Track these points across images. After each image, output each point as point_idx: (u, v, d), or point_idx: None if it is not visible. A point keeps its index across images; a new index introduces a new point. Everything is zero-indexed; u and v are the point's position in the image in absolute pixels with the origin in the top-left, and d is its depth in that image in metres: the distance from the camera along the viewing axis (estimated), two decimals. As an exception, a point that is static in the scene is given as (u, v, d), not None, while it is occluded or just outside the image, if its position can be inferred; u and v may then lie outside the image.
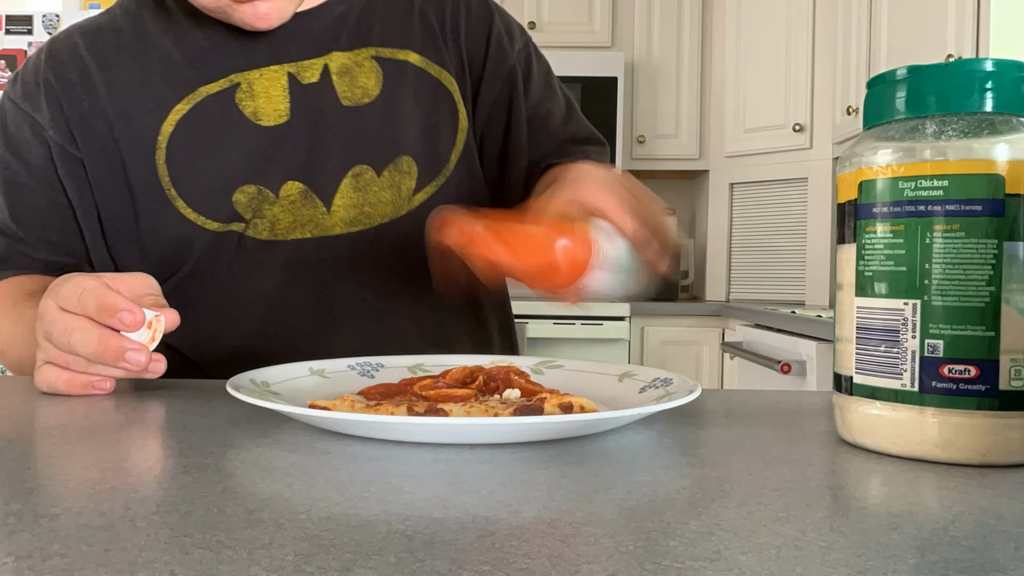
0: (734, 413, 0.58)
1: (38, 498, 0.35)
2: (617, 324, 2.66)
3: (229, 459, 0.43)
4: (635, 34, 3.11)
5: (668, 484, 0.39)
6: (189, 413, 0.56)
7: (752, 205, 3.00)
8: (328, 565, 0.28)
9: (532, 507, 0.35)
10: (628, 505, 0.35)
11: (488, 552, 0.29)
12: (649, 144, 3.11)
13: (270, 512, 0.33)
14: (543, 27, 3.06)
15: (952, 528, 0.33)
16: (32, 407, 0.59)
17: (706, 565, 0.28)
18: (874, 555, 0.30)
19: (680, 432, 0.51)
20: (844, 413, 0.48)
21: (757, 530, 0.32)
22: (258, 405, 0.48)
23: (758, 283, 2.97)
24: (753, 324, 2.42)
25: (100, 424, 0.53)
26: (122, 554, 0.29)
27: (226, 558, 0.28)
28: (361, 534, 0.31)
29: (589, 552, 0.29)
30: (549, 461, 0.43)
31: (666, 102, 3.11)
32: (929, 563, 0.29)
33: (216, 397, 0.60)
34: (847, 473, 0.43)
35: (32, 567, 0.28)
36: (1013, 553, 0.30)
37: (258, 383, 0.57)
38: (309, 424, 0.50)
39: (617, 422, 0.49)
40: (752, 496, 0.37)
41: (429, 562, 0.28)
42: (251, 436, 0.48)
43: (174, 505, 0.34)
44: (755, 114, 2.94)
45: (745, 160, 2.99)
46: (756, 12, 2.93)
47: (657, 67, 3.11)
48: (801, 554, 0.30)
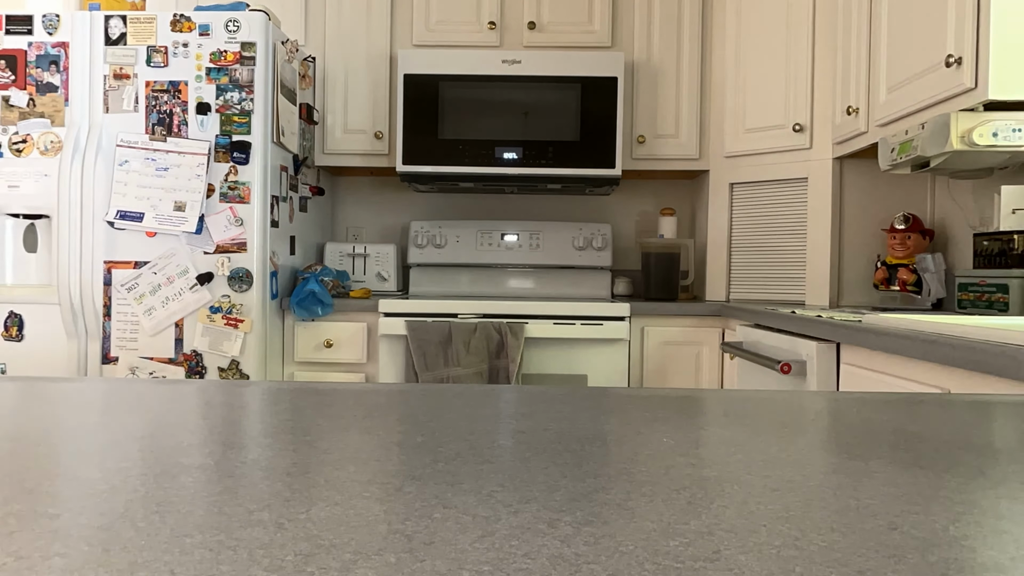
0: (734, 413, 0.58)
1: (38, 498, 0.35)
2: (617, 324, 2.66)
3: (229, 459, 0.43)
4: (635, 34, 3.11)
5: (668, 484, 0.39)
6: (189, 413, 0.56)
7: (752, 205, 3.00)
8: (328, 565, 0.28)
9: (532, 507, 0.35)
10: (628, 505, 0.35)
11: (488, 552, 0.29)
12: (649, 144, 3.11)
13: (270, 512, 0.33)
14: (543, 27, 3.06)
15: (952, 528, 0.33)
16: (32, 408, 0.59)
17: (706, 565, 0.28)
18: (874, 555, 0.30)
19: (680, 432, 0.51)
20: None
21: (757, 530, 0.32)
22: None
23: (758, 283, 2.97)
24: (753, 324, 2.43)
25: (100, 424, 0.53)
26: (122, 554, 0.29)
27: (226, 558, 0.28)
28: (361, 534, 0.31)
29: (589, 552, 0.29)
30: (549, 461, 0.42)
31: (666, 102, 3.12)
32: (929, 563, 0.29)
33: (216, 397, 0.60)
34: (847, 473, 0.43)
35: (32, 567, 0.28)
36: (1013, 553, 0.30)
37: None
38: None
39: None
40: (752, 496, 0.37)
41: (429, 562, 0.28)
42: (251, 436, 0.48)
43: (174, 505, 0.34)
44: (755, 114, 2.94)
45: (745, 160, 2.99)
46: (756, 12, 2.94)
47: (657, 67, 3.12)
48: (801, 554, 0.30)
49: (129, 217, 2.46)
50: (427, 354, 2.56)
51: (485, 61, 2.92)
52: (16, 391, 0.65)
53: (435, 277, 3.25)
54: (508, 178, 2.94)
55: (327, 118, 3.06)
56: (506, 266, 3.26)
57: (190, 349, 2.47)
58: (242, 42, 2.46)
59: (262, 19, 2.48)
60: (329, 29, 3.06)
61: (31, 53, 2.51)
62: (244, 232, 2.47)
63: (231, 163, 2.46)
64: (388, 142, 3.06)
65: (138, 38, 2.49)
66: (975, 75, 1.81)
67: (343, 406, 0.61)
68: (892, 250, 2.51)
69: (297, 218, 2.87)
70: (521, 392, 0.71)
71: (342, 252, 3.07)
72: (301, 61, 2.86)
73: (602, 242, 3.21)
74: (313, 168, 3.09)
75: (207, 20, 2.47)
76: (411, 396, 0.67)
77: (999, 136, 1.81)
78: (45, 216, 2.54)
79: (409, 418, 0.56)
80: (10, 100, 2.51)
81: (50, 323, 2.51)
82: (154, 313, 2.48)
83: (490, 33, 3.05)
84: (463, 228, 3.23)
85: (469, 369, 2.55)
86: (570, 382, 2.71)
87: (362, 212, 3.41)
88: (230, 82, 2.47)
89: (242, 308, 2.46)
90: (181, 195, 2.45)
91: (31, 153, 2.50)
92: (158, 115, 2.47)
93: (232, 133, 2.46)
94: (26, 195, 2.50)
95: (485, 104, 2.90)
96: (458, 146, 2.91)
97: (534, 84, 2.91)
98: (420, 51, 2.93)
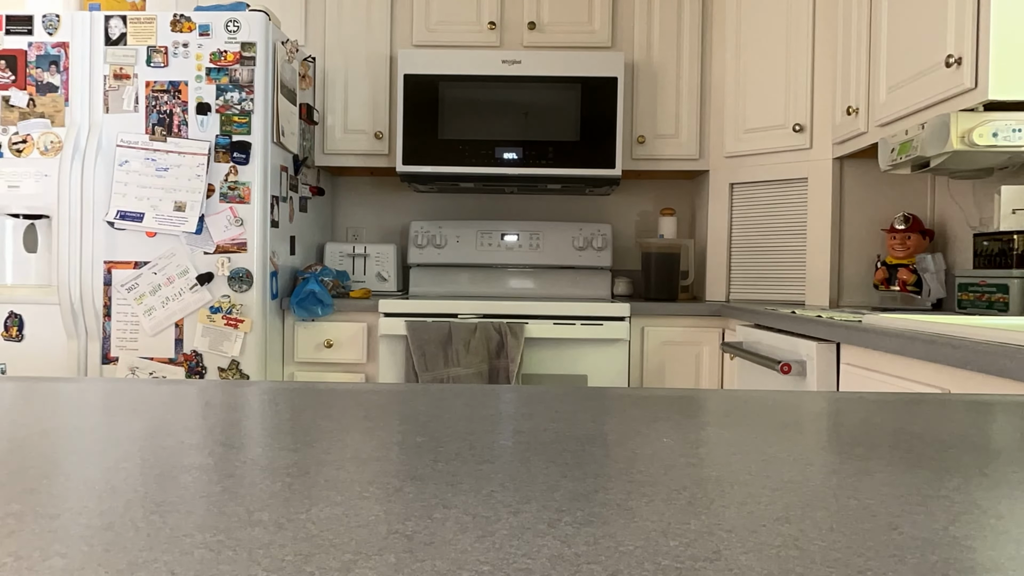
0: (734, 413, 0.58)
1: (38, 498, 0.35)
2: (617, 324, 2.66)
3: (229, 459, 0.43)
4: (635, 34, 3.11)
5: (668, 484, 0.39)
6: (189, 413, 0.56)
7: (752, 205, 3.00)
8: (328, 565, 0.28)
9: (532, 507, 0.35)
10: (628, 505, 0.35)
11: (488, 552, 0.29)
12: (649, 144, 3.11)
13: (270, 512, 0.33)
14: (543, 27, 3.06)
15: (952, 528, 0.33)
16: (32, 408, 0.59)
17: (706, 565, 0.28)
18: (874, 555, 0.30)
19: (680, 432, 0.51)
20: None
21: (757, 530, 0.32)
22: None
23: (758, 283, 2.97)
24: (753, 324, 2.42)
25: (100, 425, 0.53)
26: (122, 554, 0.29)
27: (226, 558, 0.28)
28: (361, 534, 0.31)
29: (589, 552, 0.29)
30: (549, 461, 0.42)
31: (666, 102, 3.12)
32: (929, 563, 0.29)
33: (216, 397, 0.60)
34: (847, 473, 0.43)
35: (32, 567, 0.27)
36: (1013, 553, 0.30)
37: None
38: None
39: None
40: (752, 496, 0.37)
41: (429, 562, 0.28)
42: (251, 436, 0.48)
43: (174, 505, 0.34)
44: (755, 114, 2.94)
45: (745, 160, 2.99)
46: (756, 12, 2.94)
47: (657, 67, 3.12)
48: (801, 554, 0.30)
49: (129, 217, 2.46)
50: (427, 354, 2.56)
51: (485, 61, 2.91)
52: (16, 391, 0.65)
53: (435, 277, 3.25)
54: (508, 178, 2.94)
55: (327, 118, 3.06)
56: (506, 266, 3.26)
57: (190, 349, 2.47)
58: (242, 42, 2.46)
59: (262, 19, 2.48)
60: (329, 29, 3.06)
61: (31, 53, 2.51)
62: (244, 232, 2.47)
63: (231, 163, 2.46)
64: (388, 142, 3.06)
65: (138, 38, 2.49)
66: (975, 75, 1.81)
67: (343, 406, 0.61)
68: (892, 250, 2.51)
69: (297, 218, 2.87)
70: (521, 392, 0.71)
71: (342, 252, 3.07)
72: (301, 61, 2.86)
73: (602, 242, 3.21)
74: (313, 168, 3.09)
75: (207, 20, 2.47)
76: (411, 396, 0.67)
77: (999, 136, 1.81)
78: (45, 216, 2.54)
79: (409, 418, 0.56)
80: (10, 100, 2.50)
81: (50, 323, 2.51)
82: (154, 313, 2.48)
83: (490, 33, 3.05)
84: (463, 228, 3.23)
85: (469, 369, 2.55)
86: (570, 382, 2.71)
87: (362, 212, 3.41)
88: (230, 82, 2.47)
89: (242, 308, 2.46)
90: (181, 195, 2.45)
91: (31, 153, 2.50)
92: (158, 115, 2.47)
93: (232, 133, 2.46)
94: (26, 195, 2.50)
95: (485, 104, 2.90)
96: (458, 146, 2.91)
97: (534, 84, 2.91)
98: (420, 51, 2.93)
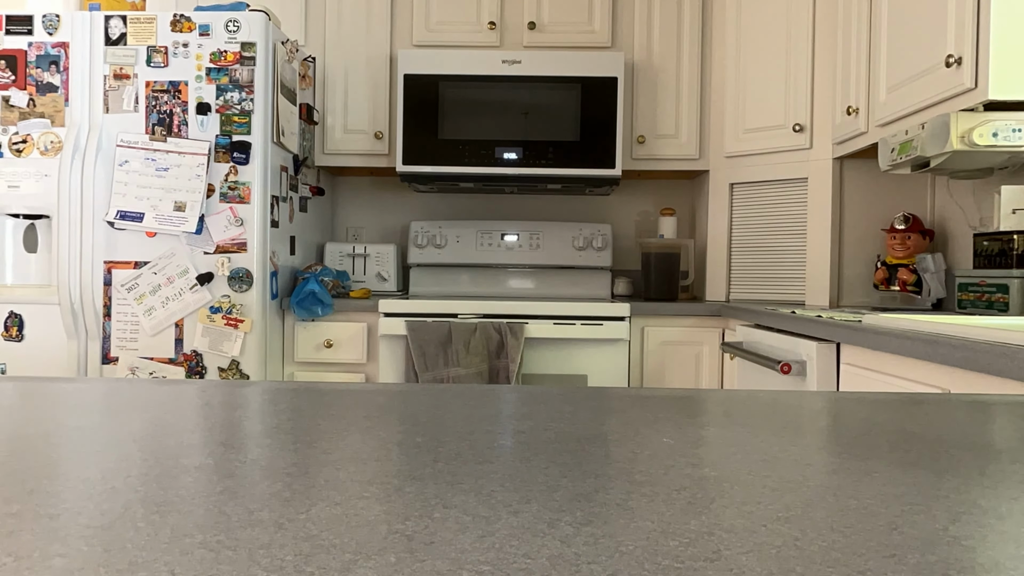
0: (734, 413, 0.58)
1: (38, 498, 0.35)
2: (617, 324, 2.66)
3: (229, 459, 0.43)
4: (635, 34, 3.11)
5: (668, 484, 0.39)
6: (189, 413, 0.56)
7: (752, 205, 3.00)
8: (328, 565, 0.28)
9: (532, 507, 0.35)
10: (628, 505, 0.35)
11: (488, 552, 0.29)
12: (649, 144, 3.11)
13: (270, 512, 0.33)
14: (543, 27, 3.06)
15: (952, 528, 0.33)
16: (32, 408, 0.59)
17: (706, 565, 0.28)
18: (874, 555, 0.30)
19: (680, 432, 0.51)
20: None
21: (757, 530, 0.32)
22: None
23: (758, 283, 2.97)
24: (753, 324, 2.42)
25: (100, 424, 0.53)
26: (122, 554, 0.29)
27: (226, 558, 0.28)
28: (361, 534, 0.31)
29: (589, 552, 0.29)
30: (549, 461, 0.42)
31: (666, 102, 3.12)
32: (929, 563, 0.29)
33: (216, 397, 0.60)
34: (847, 473, 0.43)
35: (32, 567, 0.27)
36: (1013, 553, 0.30)
37: None
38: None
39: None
40: (752, 496, 0.37)
41: (429, 562, 0.28)
42: (251, 436, 0.48)
43: (174, 505, 0.34)
44: (755, 114, 2.94)
45: (745, 160, 2.99)
46: (756, 12, 2.94)
47: (657, 67, 3.11)
48: (801, 554, 0.30)
49: (129, 217, 2.46)
50: (427, 354, 2.56)
51: (485, 61, 2.91)
52: (16, 391, 0.65)
53: (435, 277, 3.25)
54: (508, 178, 2.94)
55: (327, 118, 3.06)
56: (506, 266, 3.26)
57: (190, 349, 2.47)
58: (242, 42, 2.46)
59: (262, 19, 2.48)
60: (329, 29, 3.06)
61: (31, 53, 2.51)
62: (244, 232, 2.47)
63: (231, 163, 2.46)
64: (388, 142, 3.06)
65: (138, 38, 2.49)
66: (975, 75, 1.81)
67: (343, 406, 0.61)
68: (892, 250, 2.51)
69: (297, 218, 2.87)
70: (521, 392, 0.71)
71: (342, 252, 3.07)
72: (301, 61, 2.86)
73: (602, 242, 3.21)
74: (313, 168, 3.09)
75: (207, 20, 2.47)
76: (411, 396, 0.67)
77: (999, 136, 1.81)
78: (45, 216, 2.54)
79: (409, 418, 0.56)
80: (10, 100, 2.50)
81: (50, 323, 2.51)
82: (154, 313, 2.48)
83: (490, 33, 3.05)
84: (463, 228, 3.23)
85: (469, 369, 2.55)
86: (570, 382, 2.70)
87: (362, 212, 3.41)
88: (230, 82, 2.47)
89: (242, 308, 2.46)
90: (181, 195, 2.45)
91: (31, 153, 2.50)
92: (158, 115, 2.47)
93: (232, 133, 2.46)
94: (26, 195, 2.50)
95: (485, 104, 2.90)
96: (458, 146, 2.91)
97: (534, 84, 2.91)
98: (420, 51, 2.93)
